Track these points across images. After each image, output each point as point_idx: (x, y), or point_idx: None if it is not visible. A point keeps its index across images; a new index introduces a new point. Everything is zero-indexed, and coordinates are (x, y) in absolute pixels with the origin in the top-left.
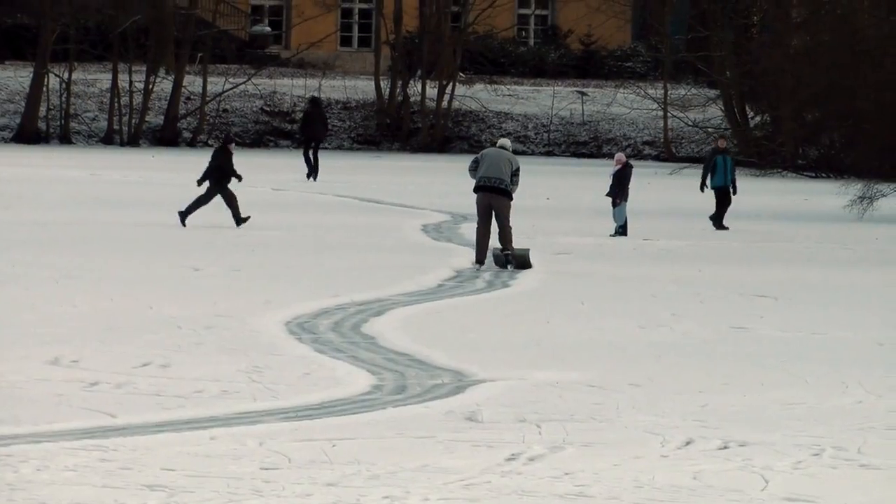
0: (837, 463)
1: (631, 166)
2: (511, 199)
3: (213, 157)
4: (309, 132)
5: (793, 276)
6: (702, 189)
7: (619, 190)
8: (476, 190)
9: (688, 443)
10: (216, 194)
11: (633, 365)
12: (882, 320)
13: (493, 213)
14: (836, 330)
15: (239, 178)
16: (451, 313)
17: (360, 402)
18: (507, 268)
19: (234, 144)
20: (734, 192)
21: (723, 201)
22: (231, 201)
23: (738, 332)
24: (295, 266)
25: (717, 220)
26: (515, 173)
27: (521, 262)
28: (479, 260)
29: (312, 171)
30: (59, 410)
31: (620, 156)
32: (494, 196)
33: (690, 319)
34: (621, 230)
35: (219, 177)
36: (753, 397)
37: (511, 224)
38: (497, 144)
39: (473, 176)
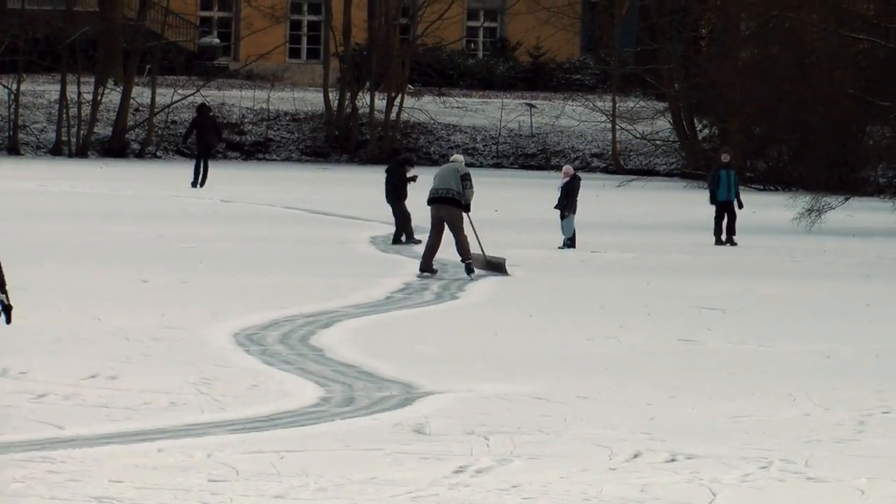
0: (785, 476)
1: (579, 178)
2: (462, 208)
3: (389, 174)
4: (201, 140)
5: (741, 288)
6: (712, 201)
7: (567, 202)
8: (428, 203)
9: (635, 455)
10: (402, 209)
11: (581, 377)
12: (830, 332)
13: (446, 223)
14: (784, 342)
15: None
16: (399, 325)
17: (308, 415)
18: (471, 276)
19: (410, 164)
20: (740, 207)
21: (726, 216)
22: (406, 220)
23: (686, 344)
24: (243, 278)
25: (718, 234)
26: (465, 178)
27: (499, 268)
28: (424, 268)
29: (200, 179)
30: (6, 422)
31: (568, 168)
32: (444, 207)
33: (638, 332)
34: (569, 242)
35: (395, 195)
36: (701, 410)
37: (466, 234)
38: (450, 159)
39: None
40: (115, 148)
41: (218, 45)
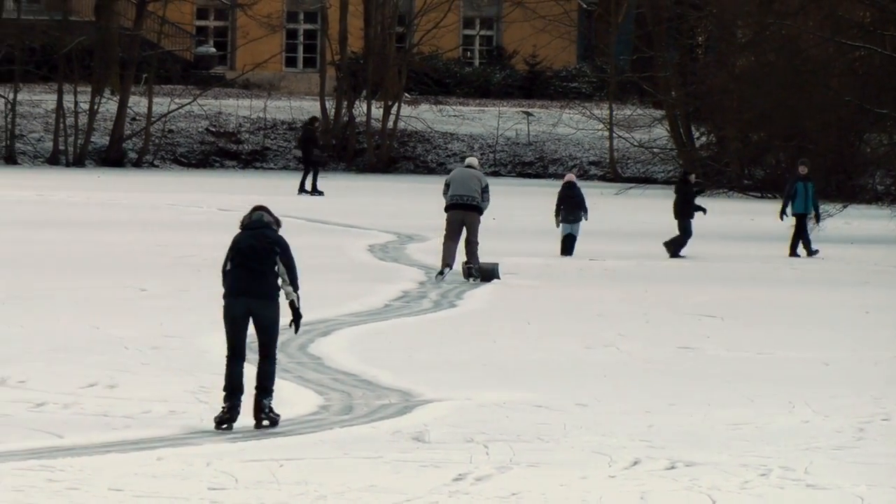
0: (784, 483)
1: (576, 185)
2: (481, 214)
3: (677, 191)
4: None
5: (739, 295)
6: (781, 217)
7: (572, 208)
8: (448, 208)
9: (635, 463)
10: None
11: (580, 385)
12: (828, 340)
13: (465, 227)
14: (783, 350)
15: (703, 210)
16: (397, 333)
17: (307, 423)
18: (469, 280)
19: (693, 175)
20: (818, 221)
21: (802, 227)
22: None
23: (685, 352)
24: None
25: (794, 246)
26: (485, 190)
27: (489, 274)
28: (447, 264)
29: (309, 186)
30: (5, 431)
31: (570, 175)
32: (467, 213)
33: (637, 339)
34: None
35: (684, 211)
36: (700, 417)
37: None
38: (465, 164)
39: (445, 196)
40: (112, 157)
41: (214, 55)
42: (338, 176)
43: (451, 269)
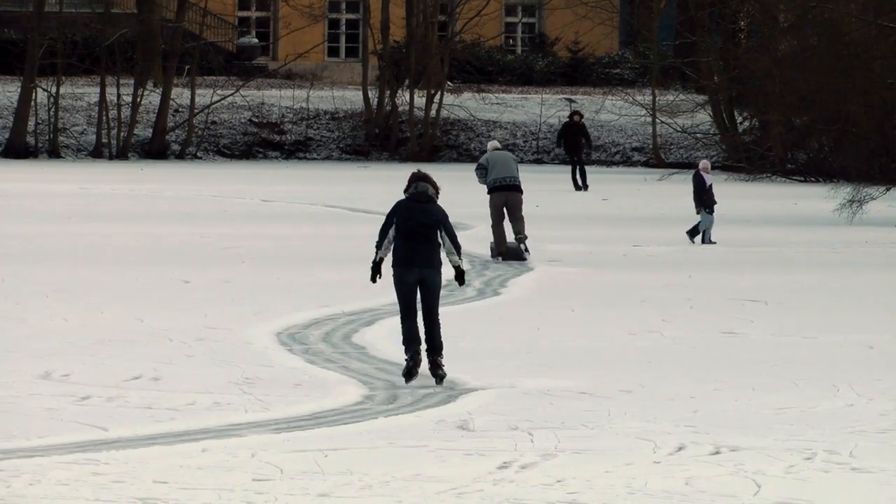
0: (829, 467)
1: (697, 173)
2: (522, 193)
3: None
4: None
5: (783, 280)
6: None
7: (706, 198)
8: (493, 190)
9: (679, 448)
10: None
11: (624, 371)
12: (872, 323)
13: (507, 209)
14: (827, 334)
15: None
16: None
17: (352, 413)
18: (521, 252)
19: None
20: None
21: None
22: None
23: (729, 337)
24: (285, 277)
25: None
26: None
27: (515, 254)
28: (501, 252)
29: (581, 182)
30: (50, 425)
31: (705, 163)
32: (511, 193)
33: (681, 325)
34: (705, 236)
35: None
36: (745, 402)
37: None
38: (493, 148)
39: (483, 179)
40: (155, 149)
41: (256, 45)
42: (381, 165)
43: (503, 257)
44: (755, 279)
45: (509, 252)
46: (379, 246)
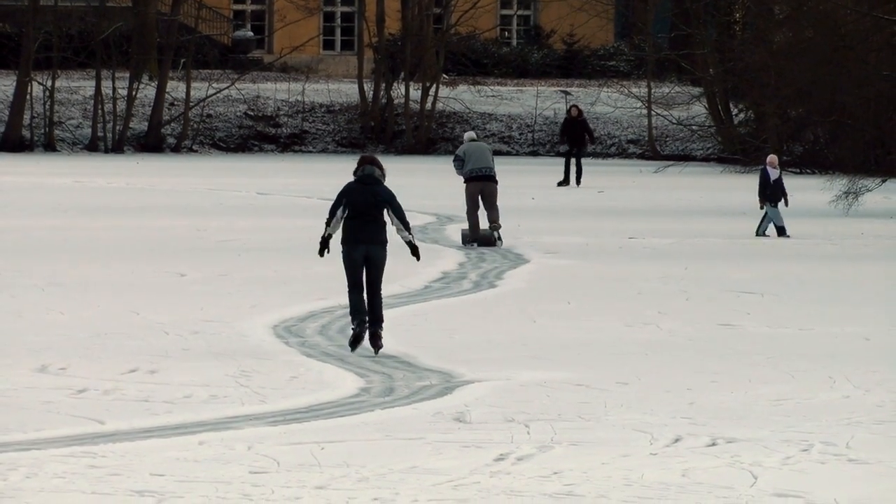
0: (826, 458)
1: (763, 168)
2: (497, 184)
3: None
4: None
5: (779, 272)
6: None
7: (770, 192)
8: (469, 180)
9: (676, 440)
10: None
11: (621, 363)
12: (869, 315)
13: (482, 197)
14: (823, 325)
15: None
16: (437, 315)
17: (348, 405)
18: (494, 240)
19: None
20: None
21: None
22: None
23: (725, 329)
24: (281, 270)
25: None
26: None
27: (487, 241)
28: (475, 238)
29: (574, 177)
30: (47, 418)
31: (773, 157)
32: (487, 183)
33: (677, 317)
34: (761, 227)
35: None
36: (741, 394)
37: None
38: (470, 139)
39: (460, 170)
40: (150, 143)
41: (252, 38)
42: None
43: (477, 243)
44: (751, 271)
45: (482, 239)
46: (328, 223)
